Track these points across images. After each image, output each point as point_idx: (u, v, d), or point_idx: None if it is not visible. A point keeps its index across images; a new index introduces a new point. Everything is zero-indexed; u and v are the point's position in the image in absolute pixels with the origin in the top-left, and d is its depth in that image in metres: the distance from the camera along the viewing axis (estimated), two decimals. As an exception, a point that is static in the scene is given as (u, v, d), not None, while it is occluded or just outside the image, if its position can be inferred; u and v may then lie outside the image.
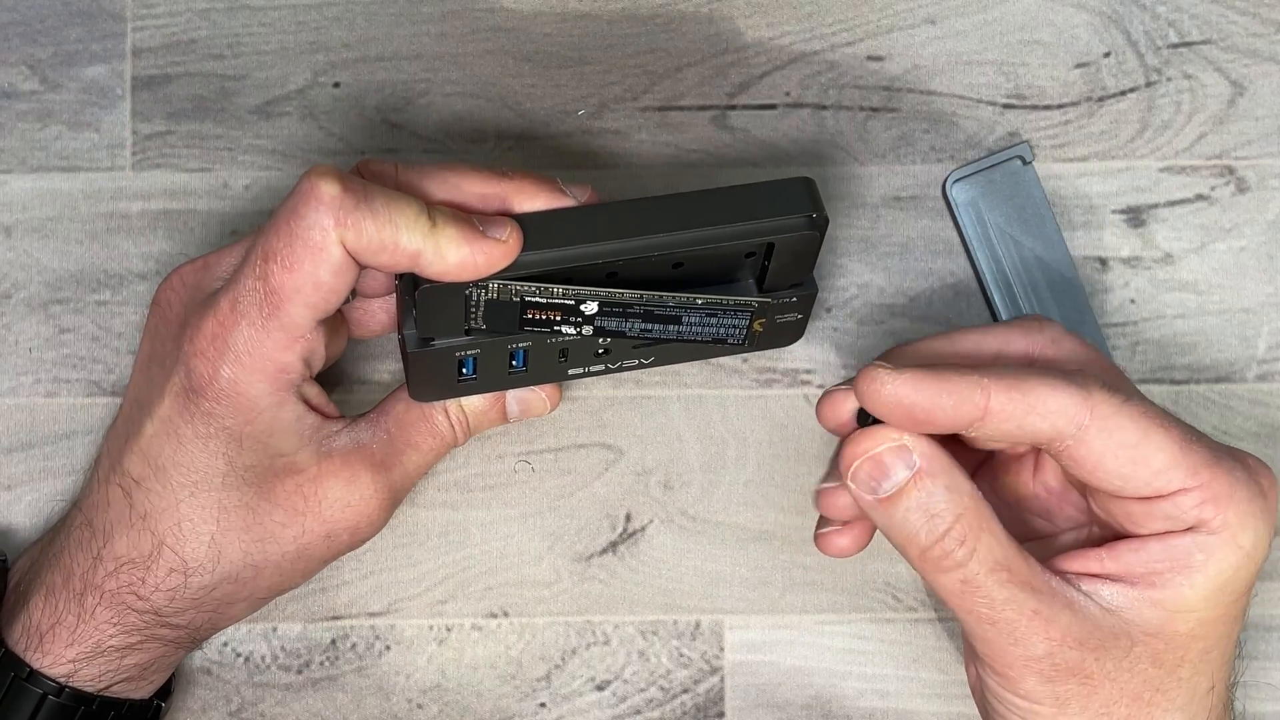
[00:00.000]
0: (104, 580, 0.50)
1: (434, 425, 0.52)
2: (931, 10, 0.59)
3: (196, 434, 0.49)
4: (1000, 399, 0.45)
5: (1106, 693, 0.46)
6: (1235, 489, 0.45)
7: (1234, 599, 0.47)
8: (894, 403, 0.45)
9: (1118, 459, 0.45)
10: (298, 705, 0.57)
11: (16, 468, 0.57)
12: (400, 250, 0.46)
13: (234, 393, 0.48)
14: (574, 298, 0.48)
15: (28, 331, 0.57)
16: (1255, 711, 0.58)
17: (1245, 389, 0.58)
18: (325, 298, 0.47)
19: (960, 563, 0.46)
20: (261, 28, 0.58)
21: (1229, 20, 0.59)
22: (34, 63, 0.58)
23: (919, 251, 0.58)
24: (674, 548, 0.58)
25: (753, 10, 0.59)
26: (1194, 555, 0.45)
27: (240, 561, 0.50)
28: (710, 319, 0.50)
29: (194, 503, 0.49)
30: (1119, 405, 0.45)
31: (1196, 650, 0.47)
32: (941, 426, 0.46)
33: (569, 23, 0.59)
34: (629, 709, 0.57)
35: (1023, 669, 0.46)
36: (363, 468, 0.51)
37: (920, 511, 0.46)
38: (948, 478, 0.46)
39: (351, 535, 0.51)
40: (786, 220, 0.48)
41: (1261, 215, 0.58)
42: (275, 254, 0.46)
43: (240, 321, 0.47)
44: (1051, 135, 0.58)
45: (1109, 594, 0.46)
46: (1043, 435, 0.45)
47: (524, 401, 0.54)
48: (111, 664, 0.50)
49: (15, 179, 0.58)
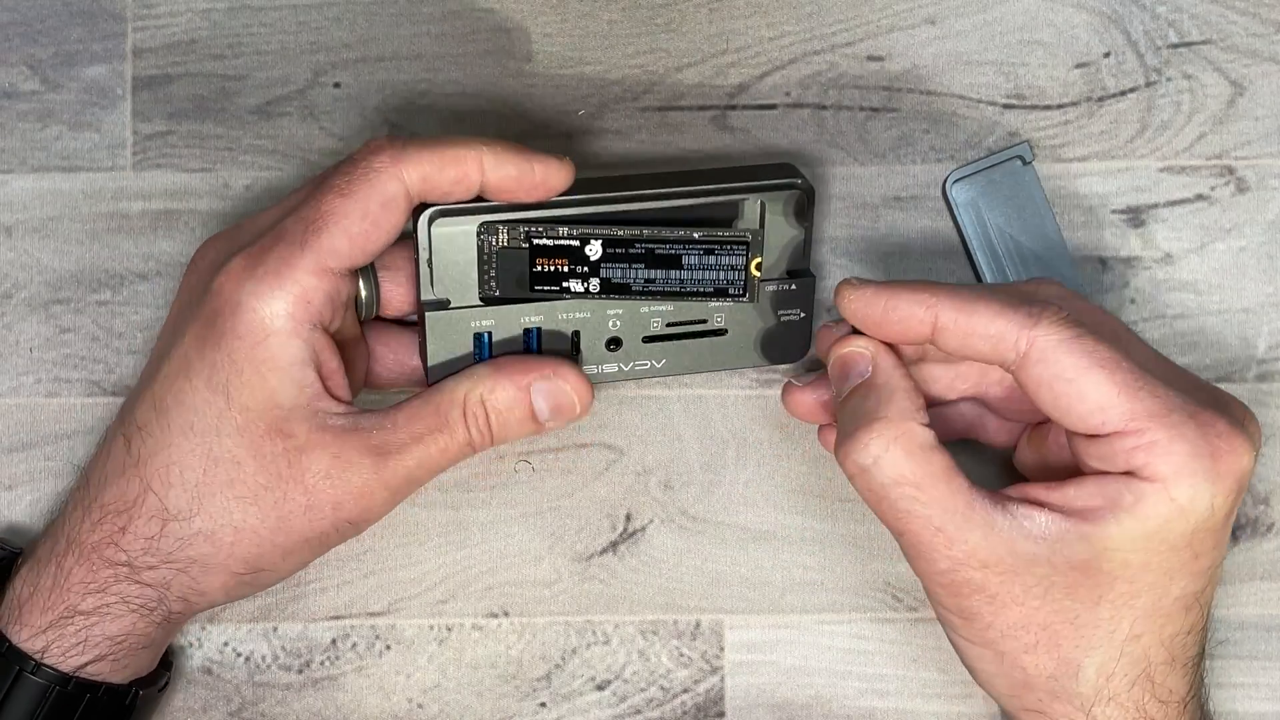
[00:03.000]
0: (87, 534, 0.50)
1: (445, 419, 0.51)
2: (931, 10, 0.59)
3: (204, 364, 0.49)
4: (947, 316, 0.48)
5: (1014, 615, 0.48)
6: (1176, 442, 0.46)
7: (1168, 550, 0.47)
8: (851, 312, 0.50)
9: (1052, 390, 0.47)
10: (298, 705, 0.57)
11: (16, 468, 0.57)
12: (465, 158, 0.49)
13: (251, 307, 0.49)
14: (579, 238, 0.51)
15: (28, 331, 0.57)
16: (1255, 711, 0.58)
17: (1245, 389, 0.58)
18: (367, 231, 0.49)
19: (863, 467, 0.48)
20: (262, 28, 0.58)
21: (1229, 20, 0.59)
22: (34, 63, 0.58)
23: (919, 251, 0.58)
24: (674, 548, 0.58)
25: (753, 10, 0.59)
26: (1124, 496, 0.47)
27: (220, 518, 0.50)
28: (709, 259, 0.52)
29: (186, 445, 0.50)
30: (1065, 339, 0.47)
31: (1119, 591, 0.47)
32: (900, 336, 0.50)
33: (569, 23, 0.59)
34: (629, 709, 0.57)
35: (928, 579, 0.49)
36: (354, 449, 0.50)
37: (850, 416, 0.49)
38: (883, 391, 0.49)
39: (335, 512, 0.50)
40: (777, 182, 0.53)
41: (1261, 215, 0.58)
42: (332, 184, 0.49)
43: (279, 243, 0.49)
44: (1051, 135, 0.58)
45: (1042, 521, 0.48)
46: (986, 355, 0.48)
47: (553, 397, 0.52)
48: (80, 634, 0.50)
49: (16, 179, 0.58)
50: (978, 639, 0.49)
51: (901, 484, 0.48)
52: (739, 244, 0.52)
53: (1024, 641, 0.48)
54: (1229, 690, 0.58)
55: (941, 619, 0.50)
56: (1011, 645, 0.48)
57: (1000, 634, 0.48)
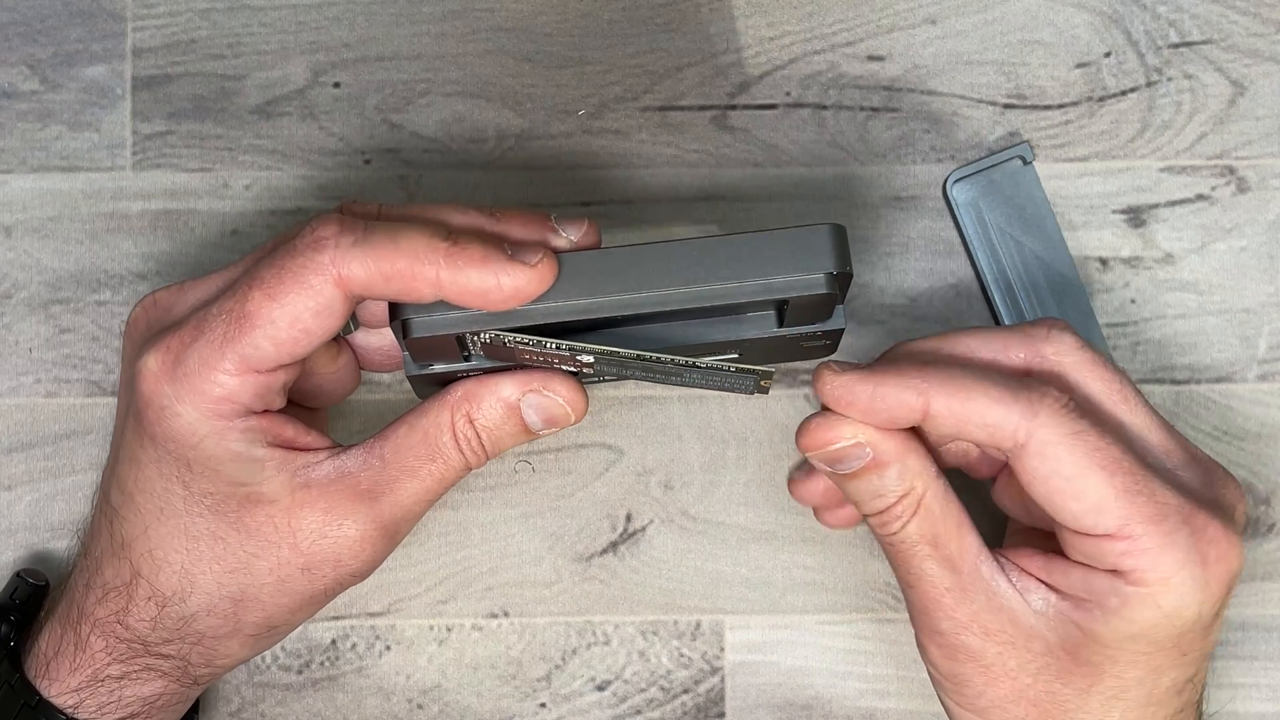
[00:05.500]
0: (94, 608, 0.49)
1: (435, 448, 0.48)
2: (932, 10, 0.59)
3: (150, 459, 0.47)
4: (940, 404, 0.45)
5: (1006, 688, 0.47)
6: (1167, 551, 0.44)
7: (1154, 649, 0.46)
8: (834, 400, 0.46)
9: (1048, 486, 0.45)
10: (298, 705, 0.57)
11: (16, 468, 0.57)
12: (417, 276, 0.44)
13: (172, 415, 0.46)
14: (569, 350, 0.46)
15: (28, 331, 0.57)
16: (1255, 711, 0.58)
17: (1246, 389, 0.58)
18: (297, 338, 0.45)
19: (894, 531, 0.47)
20: (261, 28, 0.58)
21: (1229, 20, 0.59)
22: (34, 63, 0.58)
23: (919, 251, 0.58)
24: (674, 548, 0.58)
25: (753, 10, 0.59)
26: (1110, 598, 0.45)
27: (215, 593, 0.48)
28: (714, 377, 0.48)
29: (161, 530, 0.47)
30: (1065, 434, 0.45)
31: (1107, 685, 0.46)
32: (887, 424, 0.46)
33: (569, 23, 0.59)
34: (629, 709, 0.57)
35: (926, 638, 0.48)
36: (344, 498, 0.47)
37: (869, 491, 0.47)
38: (899, 465, 0.47)
39: (336, 569, 0.48)
40: (804, 278, 0.46)
41: (1262, 215, 0.58)
42: (262, 281, 0.45)
43: (199, 339, 0.46)
44: (1052, 135, 0.58)
45: (1039, 597, 0.47)
46: (983, 443, 0.46)
47: (543, 410, 0.48)
48: (113, 695, 0.49)
49: (15, 179, 0.58)
50: (969, 705, 0.48)
51: (924, 542, 0.47)
52: (749, 374, 0.47)
53: (1014, 715, 0.47)
54: (1229, 690, 0.58)
55: (934, 680, 0.50)
56: (1001, 717, 0.48)
57: (991, 704, 0.48)
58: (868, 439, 0.47)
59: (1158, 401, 0.58)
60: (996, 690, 0.47)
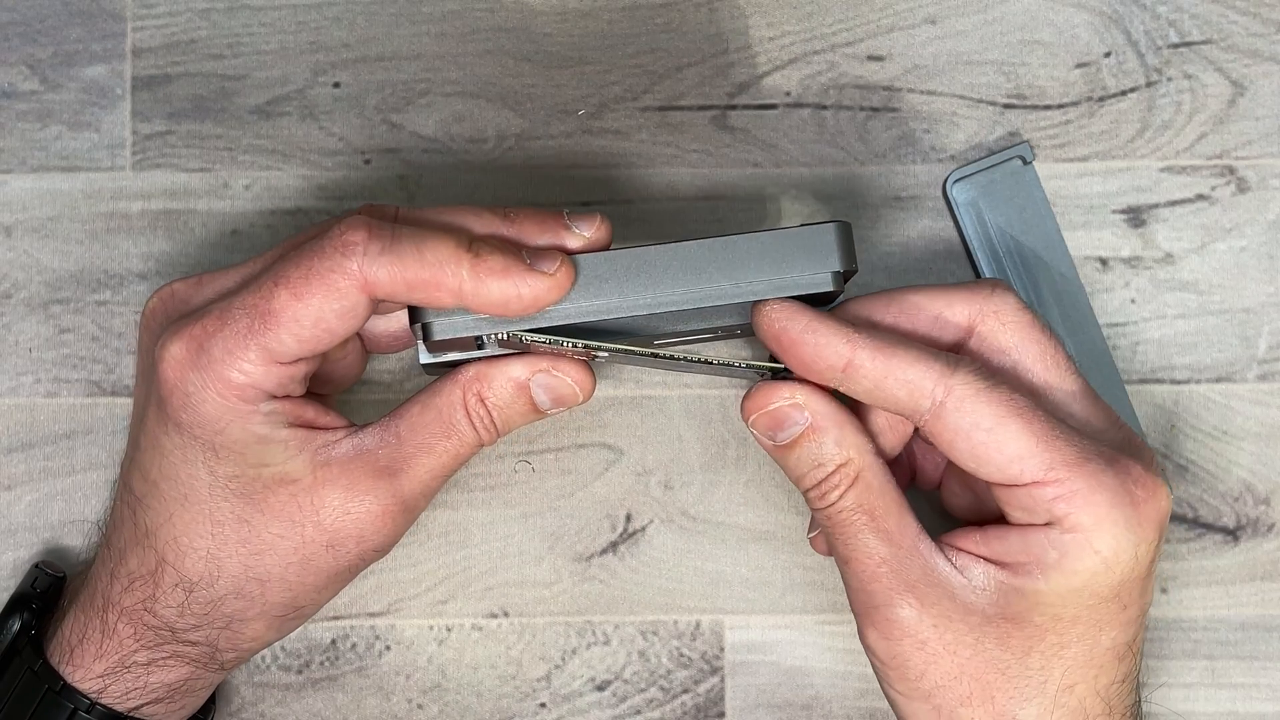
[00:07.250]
0: (120, 596, 0.49)
1: (450, 425, 0.49)
2: (932, 10, 0.59)
3: (174, 445, 0.48)
4: (863, 355, 0.47)
5: (945, 666, 0.48)
6: (1096, 491, 0.46)
7: (1096, 602, 0.47)
8: (767, 327, 0.48)
9: (969, 440, 0.46)
10: (298, 705, 0.57)
11: (16, 468, 0.57)
12: (440, 286, 0.46)
13: (199, 401, 0.47)
14: (584, 352, 0.49)
15: (28, 331, 0.57)
16: (1256, 711, 0.58)
17: (1246, 389, 0.58)
18: (319, 336, 0.47)
19: (832, 502, 0.48)
20: (261, 28, 0.58)
21: (1229, 20, 0.59)
22: (34, 63, 0.58)
23: (919, 251, 0.58)
24: (674, 548, 0.58)
25: (753, 10, 0.59)
26: (1048, 552, 0.46)
27: (241, 575, 0.49)
28: (724, 371, 0.50)
29: (186, 516, 0.48)
30: (981, 389, 0.46)
31: (1048, 643, 0.47)
32: (811, 365, 0.47)
33: (569, 23, 0.59)
34: (629, 709, 0.57)
35: (864, 620, 0.49)
36: (364, 475, 0.49)
37: (809, 459, 0.48)
38: (837, 432, 0.48)
39: (359, 544, 0.49)
40: (812, 276, 0.48)
41: (1262, 215, 0.58)
42: (288, 280, 0.46)
43: (223, 329, 0.47)
44: (1052, 135, 0.58)
45: (979, 573, 0.47)
46: (901, 402, 0.47)
47: (552, 390, 0.50)
48: (138, 681, 0.50)
49: (15, 179, 0.58)
50: (912, 691, 0.48)
51: (860, 513, 0.48)
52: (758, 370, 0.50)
53: (959, 694, 0.48)
54: (1229, 690, 0.58)
55: (878, 673, 0.50)
56: (947, 698, 0.48)
57: (935, 685, 0.48)
58: (804, 399, 0.48)
59: (1158, 401, 0.58)
60: (937, 669, 0.48)
